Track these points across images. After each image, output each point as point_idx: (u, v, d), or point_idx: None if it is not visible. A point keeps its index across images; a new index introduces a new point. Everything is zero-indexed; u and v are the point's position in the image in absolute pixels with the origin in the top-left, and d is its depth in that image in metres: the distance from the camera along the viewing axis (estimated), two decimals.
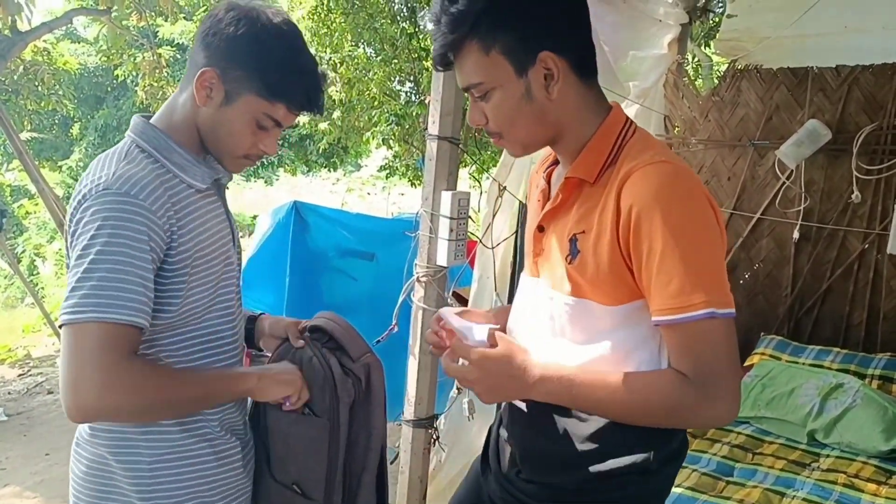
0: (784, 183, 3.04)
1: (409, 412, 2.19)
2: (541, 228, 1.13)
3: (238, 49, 1.09)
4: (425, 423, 2.18)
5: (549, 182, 1.17)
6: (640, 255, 0.97)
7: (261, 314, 1.42)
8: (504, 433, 1.23)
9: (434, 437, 2.20)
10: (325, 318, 1.30)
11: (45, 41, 8.83)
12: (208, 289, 1.14)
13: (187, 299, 1.11)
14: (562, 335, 1.08)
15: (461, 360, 1.06)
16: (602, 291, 1.02)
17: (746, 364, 2.82)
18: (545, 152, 1.22)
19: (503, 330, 1.18)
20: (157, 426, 1.12)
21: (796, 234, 3.06)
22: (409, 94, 9.64)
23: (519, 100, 1.03)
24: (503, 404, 1.24)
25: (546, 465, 1.13)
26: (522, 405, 1.10)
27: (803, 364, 2.75)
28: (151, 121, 1.16)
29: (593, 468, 1.06)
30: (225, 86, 1.10)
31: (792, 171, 2.99)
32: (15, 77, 8.33)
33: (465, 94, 1.12)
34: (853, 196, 2.88)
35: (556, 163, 1.17)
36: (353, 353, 1.24)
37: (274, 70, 1.10)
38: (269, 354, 1.32)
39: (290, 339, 1.28)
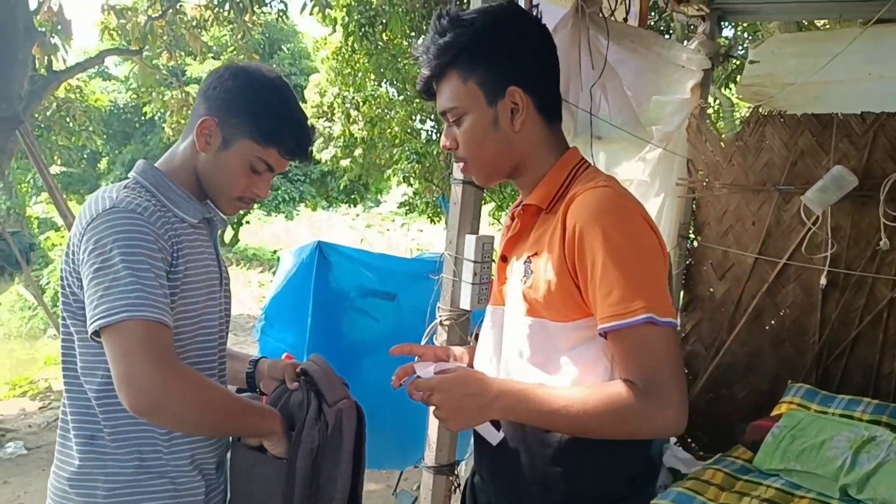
0: (810, 229, 3.01)
1: (429, 458, 2.16)
2: (504, 258, 1.24)
3: (235, 99, 1.21)
4: (446, 469, 2.15)
5: (512, 219, 1.26)
6: (585, 269, 1.05)
7: (261, 358, 1.45)
8: (478, 479, 1.29)
9: (455, 483, 2.16)
10: (311, 361, 1.32)
11: (77, 79, 9.11)
12: (189, 323, 1.19)
13: None
14: (520, 356, 1.15)
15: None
16: (554, 309, 1.10)
17: (774, 413, 2.76)
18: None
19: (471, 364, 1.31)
20: (114, 461, 1.14)
21: (823, 281, 3.01)
22: (429, 132, 9.77)
23: (487, 127, 1.16)
24: (475, 449, 1.28)
25: (516, 493, 1.17)
26: (493, 439, 1.14)
27: (833, 414, 2.68)
28: (154, 165, 1.27)
29: (561, 492, 1.11)
30: (222, 132, 1.21)
31: (818, 216, 2.96)
32: (48, 113, 8.58)
33: None
34: (881, 243, 2.84)
35: (520, 204, 1.25)
36: (329, 397, 1.25)
37: (267, 118, 1.21)
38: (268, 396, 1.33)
39: (286, 381, 1.31)
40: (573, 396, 1.05)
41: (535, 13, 1.21)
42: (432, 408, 1.10)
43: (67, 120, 8.70)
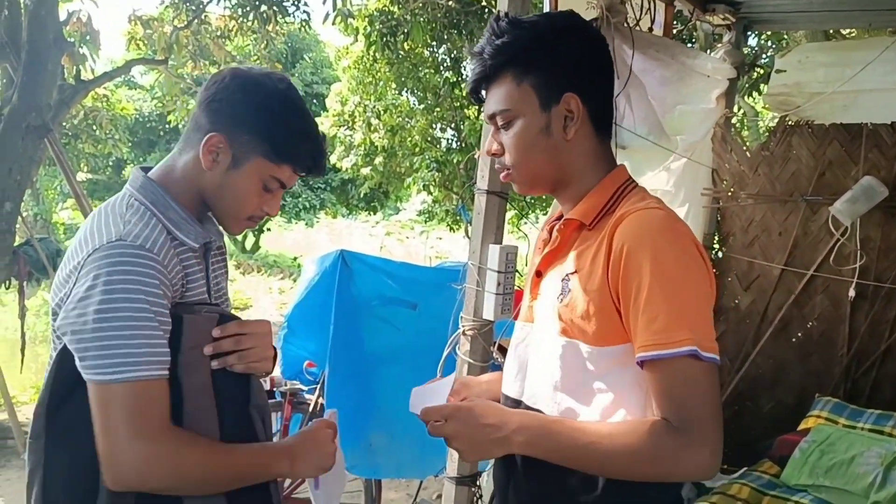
0: (839, 240, 2.96)
1: (451, 468, 2.15)
2: (538, 273, 1.18)
3: (245, 114, 1.12)
4: (468, 480, 2.14)
5: (550, 233, 1.21)
6: (629, 293, 0.99)
7: None
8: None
9: (477, 495, 2.15)
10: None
11: (105, 88, 9.27)
12: None
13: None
14: (550, 379, 1.10)
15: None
16: (590, 332, 1.04)
17: (801, 428, 2.71)
18: (553, 212, 1.28)
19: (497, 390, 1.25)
20: None
21: (852, 293, 2.96)
22: (450, 141, 9.78)
23: (537, 132, 1.11)
24: (493, 471, 1.24)
25: None
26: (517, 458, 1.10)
27: (862, 429, 2.63)
28: (150, 174, 1.18)
29: None
30: (232, 150, 1.12)
31: (847, 227, 2.92)
32: (75, 122, 8.73)
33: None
34: None
35: (559, 218, 1.21)
36: None
37: (281, 134, 1.13)
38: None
39: None
40: (600, 432, 1.00)
41: None
42: (446, 437, 1.06)
43: (94, 128, 8.84)
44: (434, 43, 7.28)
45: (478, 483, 2.17)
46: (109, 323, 0.99)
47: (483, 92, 1.16)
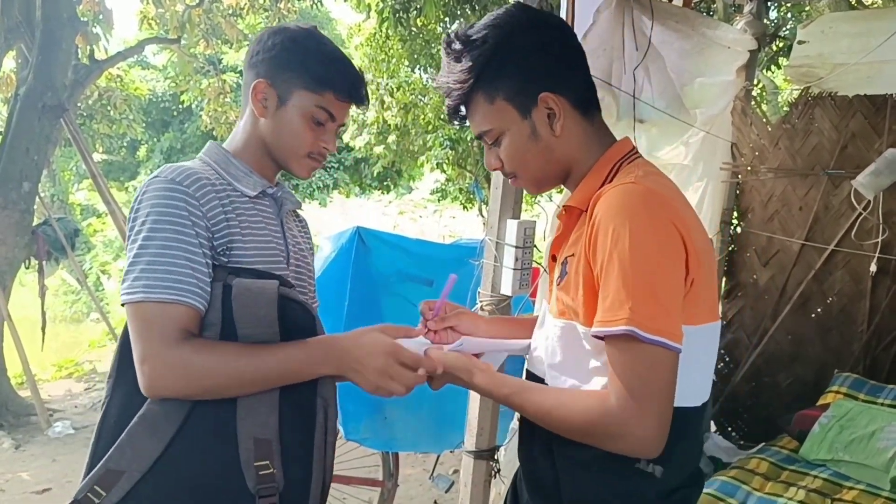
0: (861, 214, 2.91)
1: (469, 442, 2.16)
2: (553, 258, 1.20)
3: (280, 55, 1.21)
4: (486, 454, 2.15)
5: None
6: (597, 269, 1.00)
7: None
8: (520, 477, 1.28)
9: (496, 469, 2.16)
10: None
11: (118, 68, 9.28)
12: None
13: None
14: (553, 358, 1.12)
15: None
16: (583, 311, 1.04)
17: (821, 403, 2.69)
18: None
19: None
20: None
21: (874, 268, 2.92)
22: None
23: (527, 140, 1.11)
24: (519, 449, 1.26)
25: (536, 489, 1.18)
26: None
27: (882, 405, 2.61)
28: (221, 145, 1.28)
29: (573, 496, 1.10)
30: (277, 91, 1.21)
31: (869, 201, 2.87)
32: (90, 102, 8.76)
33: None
34: None
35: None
36: None
37: (315, 62, 1.21)
38: None
39: None
40: (551, 392, 1.08)
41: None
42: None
43: (109, 108, 8.88)
44: (447, 18, 7.18)
45: (496, 457, 2.18)
46: (134, 251, 1.09)
47: (463, 112, 1.16)
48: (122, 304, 1.09)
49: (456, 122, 1.20)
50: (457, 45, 1.11)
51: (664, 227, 0.98)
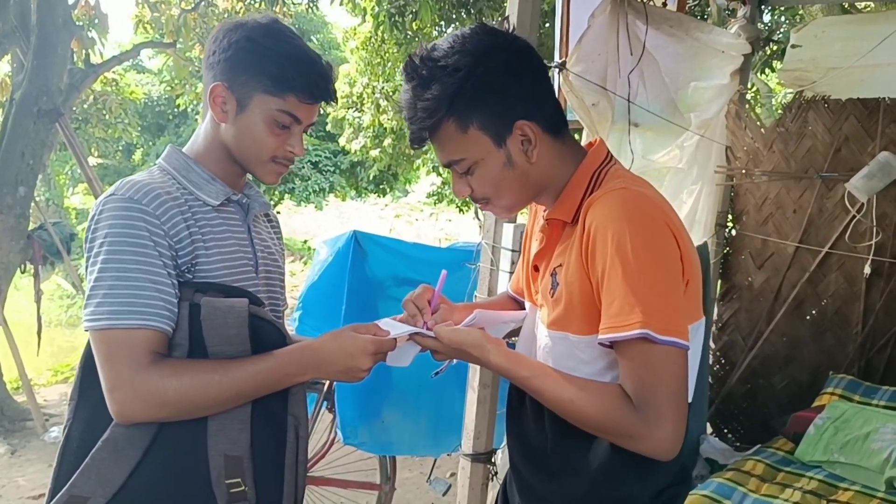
0: (854, 216, 2.93)
1: (466, 445, 2.17)
2: (535, 268, 1.20)
3: (236, 57, 1.13)
4: (483, 457, 2.16)
5: (543, 231, 1.20)
6: (597, 275, 1.00)
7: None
8: (512, 473, 1.29)
9: (493, 472, 2.17)
10: None
11: (113, 72, 9.27)
12: None
13: None
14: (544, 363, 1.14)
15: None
16: (576, 321, 1.05)
17: (816, 405, 2.71)
18: None
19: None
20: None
21: (867, 270, 2.93)
22: None
23: (501, 168, 1.09)
24: (508, 447, 1.28)
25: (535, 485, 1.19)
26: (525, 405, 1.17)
27: (876, 406, 2.62)
28: (181, 150, 1.22)
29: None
30: (235, 94, 1.14)
31: (863, 204, 2.89)
32: (85, 106, 8.74)
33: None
34: None
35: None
36: None
37: (273, 64, 1.12)
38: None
39: None
40: (571, 380, 1.05)
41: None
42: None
43: (104, 112, 8.87)
44: (442, 22, 7.20)
45: (493, 460, 2.19)
46: (95, 274, 1.04)
47: (428, 138, 1.11)
48: (86, 330, 1.05)
49: (417, 147, 1.14)
50: (423, 72, 1.05)
51: (661, 230, 1.00)
